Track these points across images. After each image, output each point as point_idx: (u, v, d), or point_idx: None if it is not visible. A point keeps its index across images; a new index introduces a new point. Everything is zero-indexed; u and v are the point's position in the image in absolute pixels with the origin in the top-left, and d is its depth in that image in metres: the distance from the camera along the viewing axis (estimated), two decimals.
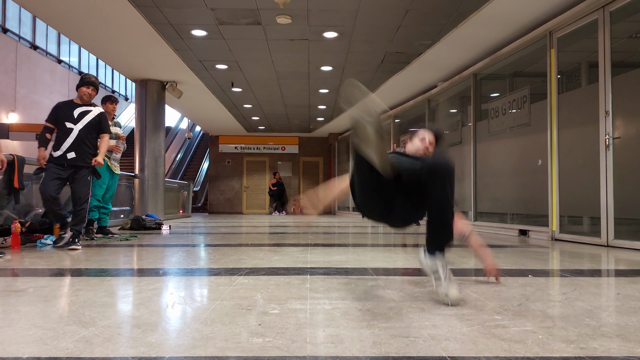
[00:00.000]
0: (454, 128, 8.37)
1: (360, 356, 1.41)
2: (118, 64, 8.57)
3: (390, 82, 9.04)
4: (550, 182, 5.63)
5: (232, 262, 3.51)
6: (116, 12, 5.94)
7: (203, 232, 7.25)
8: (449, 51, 7.15)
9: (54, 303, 2.12)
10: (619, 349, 1.48)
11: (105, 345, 1.50)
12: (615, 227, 4.72)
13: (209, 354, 1.42)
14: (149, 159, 9.44)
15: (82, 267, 3.35)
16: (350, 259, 3.74)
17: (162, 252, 4.28)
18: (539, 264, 3.51)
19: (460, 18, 5.94)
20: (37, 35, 14.45)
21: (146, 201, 9.37)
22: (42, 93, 14.05)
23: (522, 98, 6.33)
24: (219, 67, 8.29)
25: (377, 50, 7.29)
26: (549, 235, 5.63)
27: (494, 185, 7.02)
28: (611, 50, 4.78)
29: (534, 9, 5.55)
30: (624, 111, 4.67)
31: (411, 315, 1.89)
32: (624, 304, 2.14)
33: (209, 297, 2.28)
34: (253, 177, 16.96)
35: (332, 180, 2.70)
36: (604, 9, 4.87)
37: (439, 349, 1.47)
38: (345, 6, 5.70)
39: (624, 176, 4.68)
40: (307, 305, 2.07)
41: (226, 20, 6.14)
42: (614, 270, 3.38)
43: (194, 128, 20.51)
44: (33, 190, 6.46)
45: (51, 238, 4.87)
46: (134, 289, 2.49)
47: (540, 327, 1.73)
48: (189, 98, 10.64)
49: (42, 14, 6.22)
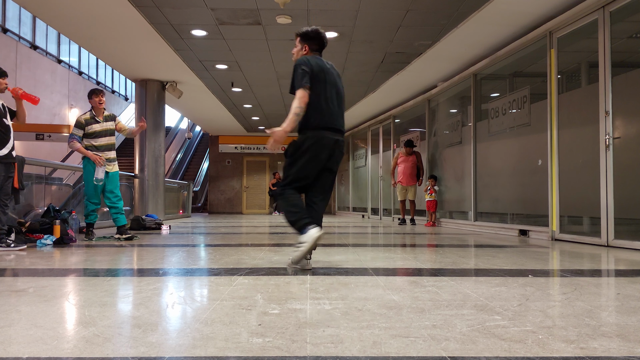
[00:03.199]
0: (454, 128, 8.37)
1: (360, 356, 1.41)
2: (118, 64, 8.57)
3: (390, 82, 9.05)
4: (550, 182, 5.63)
5: (232, 262, 3.51)
6: (116, 12, 5.95)
7: (203, 232, 7.25)
8: (449, 51, 7.15)
9: (54, 303, 2.12)
10: (619, 349, 1.48)
11: (105, 345, 1.50)
12: (615, 227, 4.72)
13: (209, 354, 1.42)
14: (149, 159, 9.44)
15: (82, 267, 3.35)
16: (350, 259, 3.74)
17: (162, 252, 4.28)
18: (539, 264, 3.51)
19: (460, 18, 5.94)
20: (37, 35, 14.45)
21: (146, 201, 9.37)
22: (42, 93, 14.04)
23: (522, 98, 6.33)
24: (219, 67, 8.30)
25: (377, 50, 7.29)
26: (549, 235, 5.63)
27: (494, 185, 7.02)
28: (611, 50, 4.78)
29: (534, 9, 5.55)
30: (624, 111, 4.67)
31: (411, 315, 1.89)
32: (624, 304, 2.14)
33: (209, 297, 2.28)
34: (253, 177, 16.96)
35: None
36: (604, 9, 4.87)
37: (439, 349, 1.47)
38: (345, 6, 5.70)
39: (624, 176, 4.68)
40: (307, 305, 2.07)
41: (226, 20, 6.14)
42: (614, 270, 3.38)
43: (194, 128, 20.50)
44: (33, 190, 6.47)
45: (51, 238, 4.88)
46: (134, 289, 2.49)
47: (540, 327, 1.73)
48: (189, 98, 10.64)
49: (43, 14, 6.22)
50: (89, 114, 5.41)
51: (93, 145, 5.35)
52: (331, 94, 3.21)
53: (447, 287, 2.52)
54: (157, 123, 9.55)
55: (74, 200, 8.07)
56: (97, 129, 5.37)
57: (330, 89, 3.21)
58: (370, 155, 12.85)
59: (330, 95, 3.20)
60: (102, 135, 5.39)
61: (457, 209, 8.30)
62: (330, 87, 3.21)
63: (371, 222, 10.69)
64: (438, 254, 4.17)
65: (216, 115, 13.00)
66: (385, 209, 11.75)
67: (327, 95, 3.19)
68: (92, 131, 5.33)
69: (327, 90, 3.19)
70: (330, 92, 3.20)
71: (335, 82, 3.26)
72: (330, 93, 3.20)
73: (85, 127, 5.32)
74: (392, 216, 11.04)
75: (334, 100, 3.21)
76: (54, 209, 5.31)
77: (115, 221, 5.54)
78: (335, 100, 3.23)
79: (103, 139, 5.40)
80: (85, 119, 5.36)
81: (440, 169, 8.87)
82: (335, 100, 3.23)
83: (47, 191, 7.23)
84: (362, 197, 13.46)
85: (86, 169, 5.36)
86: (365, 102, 10.91)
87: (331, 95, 3.21)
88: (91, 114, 5.40)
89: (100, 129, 5.38)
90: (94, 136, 5.35)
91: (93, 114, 5.40)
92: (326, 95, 3.18)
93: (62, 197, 7.91)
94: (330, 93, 3.20)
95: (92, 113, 5.41)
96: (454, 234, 6.56)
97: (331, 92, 3.21)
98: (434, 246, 4.96)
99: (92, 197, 5.40)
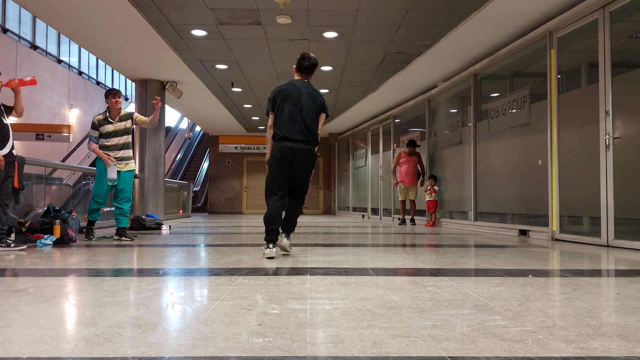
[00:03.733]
0: (454, 128, 8.37)
1: (360, 356, 1.41)
2: (118, 64, 8.57)
3: (390, 82, 9.05)
4: (550, 182, 5.63)
5: (232, 262, 3.51)
6: (116, 12, 5.95)
7: (203, 232, 7.25)
8: (449, 51, 7.15)
9: (54, 303, 2.12)
10: (619, 349, 1.48)
11: (105, 345, 1.50)
12: (616, 227, 4.72)
13: (209, 354, 1.42)
14: (149, 159, 9.44)
15: (82, 267, 3.35)
16: (350, 259, 3.74)
17: (162, 252, 4.28)
18: (539, 264, 3.51)
19: (460, 18, 5.95)
20: (37, 35, 14.45)
21: (146, 201, 9.37)
22: (43, 93, 14.05)
23: (522, 98, 6.33)
24: (219, 67, 8.30)
25: (377, 50, 7.29)
26: (549, 235, 5.63)
27: (494, 186, 7.02)
28: (611, 50, 4.78)
29: (534, 8, 5.55)
30: (624, 111, 4.67)
31: (411, 315, 1.89)
32: (624, 304, 2.14)
33: (209, 297, 2.28)
34: (253, 177, 16.96)
35: None
36: (604, 9, 4.87)
37: (439, 349, 1.47)
38: (345, 6, 5.70)
39: (624, 176, 4.68)
40: (307, 305, 2.07)
41: (226, 20, 6.14)
42: (614, 270, 3.38)
43: (194, 128, 20.51)
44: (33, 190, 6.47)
45: (51, 238, 4.88)
46: (134, 289, 2.49)
47: (540, 327, 1.73)
48: (189, 98, 10.64)
49: (42, 14, 6.22)
50: (102, 115, 5.48)
51: (105, 145, 5.42)
52: (293, 111, 3.85)
53: (447, 287, 2.52)
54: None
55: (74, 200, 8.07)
56: (110, 129, 5.43)
57: (291, 107, 3.85)
58: (370, 155, 12.85)
59: (291, 112, 3.85)
60: (114, 135, 5.46)
61: (457, 209, 8.30)
62: (292, 105, 3.86)
63: (371, 222, 10.70)
64: (438, 254, 4.17)
65: (216, 115, 13.00)
66: (385, 209, 11.75)
67: (287, 113, 3.84)
68: (105, 132, 5.43)
69: (287, 108, 3.86)
70: (291, 109, 3.85)
71: (298, 100, 3.86)
72: (292, 110, 3.85)
73: (99, 128, 5.42)
74: (392, 216, 11.04)
75: (296, 115, 3.85)
76: (54, 209, 5.32)
77: (116, 221, 5.54)
78: (298, 115, 3.85)
79: (115, 138, 5.46)
80: (99, 119, 5.44)
81: (440, 169, 8.87)
82: (299, 114, 3.85)
83: (47, 191, 7.23)
84: (362, 197, 13.46)
85: (98, 167, 5.46)
86: (365, 102, 10.91)
87: (292, 111, 3.85)
88: (104, 115, 5.47)
89: (113, 129, 5.44)
90: (107, 136, 5.44)
91: (106, 115, 5.46)
92: (286, 112, 3.85)
93: (62, 197, 7.91)
94: (292, 110, 3.85)
95: (106, 114, 5.47)
96: (454, 234, 6.56)
97: (293, 109, 3.85)
98: (434, 246, 4.96)
99: (98, 196, 5.44)
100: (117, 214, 5.51)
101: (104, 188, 5.39)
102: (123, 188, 5.48)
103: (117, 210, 5.51)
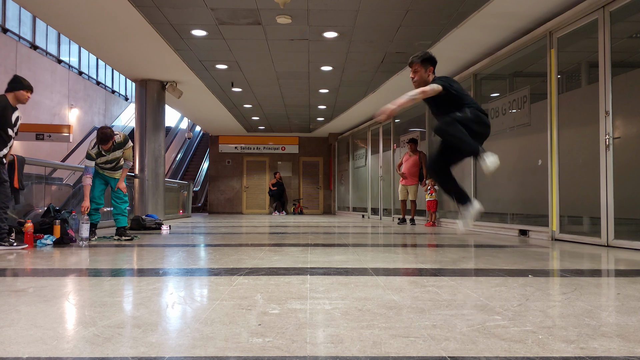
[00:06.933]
0: None
1: (360, 356, 1.41)
2: (118, 64, 8.57)
3: (390, 82, 9.04)
4: (550, 182, 5.63)
5: (232, 262, 3.51)
6: (116, 12, 5.94)
7: (203, 232, 7.25)
8: (449, 51, 7.15)
9: (54, 303, 2.12)
10: (619, 349, 1.48)
11: (105, 345, 1.50)
12: (615, 227, 4.72)
13: (209, 354, 1.42)
14: (149, 159, 9.44)
15: (82, 267, 3.35)
16: (350, 259, 3.74)
17: (162, 252, 4.28)
18: (539, 264, 3.51)
19: (461, 18, 5.94)
20: (37, 35, 14.44)
21: (146, 201, 9.37)
22: (43, 93, 14.04)
23: (522, 98, 6.33)
24: (219, 67, 8.29)
25: (377, 50, 7.29)
26: (549, 235, 5.63)
27: (494, 185, 7.02)
28: (611, 50, 4.78)
29: (534, 9, 5.55)
30: (624, 111, 4.67)
31: (411, 315, 1.89)
32: (624, 304, 2.14)
33: (209, 297, 2.28)
34: (253, 177, 16.96)
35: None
36: (604, 9, 4.87)
37: (439, 349, 1.47)
38: (345, 6, 5.70)
39: (624, 176, 4.68)
40: (307, 305, 2.07)
41: (226, 20, 6.14)
42: (614, 270, 3.38)
43: (194, 128, 20.50)
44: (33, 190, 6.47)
45: (51, 238, 4.88)
46: (134, 289, 2.49)
47: (540, 327, 1.73)
48: (189, 98, 10.64)
49: (42, 14, 6.22)
50: (95, 149, 5.36)
51: (97, 165, 5.49)
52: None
53: (447, 287, 2.51)
54: (157, 123, 9.55)
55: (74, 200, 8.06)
56: (104, 160, 5.48)
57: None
58: (370, 156, 12.85)
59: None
60: (108, 162, 5.54)
61: (457, 209, 8.29)
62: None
63: (371, 222, 10.69)
64: (438, 254, 4.17)
65: (216, 115, 13.00)
66: (385, 209, 11.75)
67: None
68: (100, 162, 5.48)
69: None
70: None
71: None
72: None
73: (96, 160, 5.43)
74: (392, 216, 11.04)
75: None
76: (54, 209, 5.31)
77: (115, 221, 5.64)
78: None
79: (108, 164, 5.55)
80: (96, 153, 5.38)
81: None
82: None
83: (47, 191, 7.23)
84: (362, 197, 13.46)
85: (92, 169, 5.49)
86: (365, 102, 10.90)
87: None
88: (97, 149, 5.35)
89: (106, 160, 5.49)
90: (101, 162, 5.50)
91: (99, 150, 5.36)
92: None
93: (62, 197, 7.91)
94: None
95: (99, 148, 5.35)
96: (454, 234, 6.56)
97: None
98: (434, 246, 4.96)
99: (94, 198, 5.53)
100: (115, 214, 5.66)
101: (96, 190, 5.52)
102: (117, 191, 5.66)
103: (115, 210, 5.67)
